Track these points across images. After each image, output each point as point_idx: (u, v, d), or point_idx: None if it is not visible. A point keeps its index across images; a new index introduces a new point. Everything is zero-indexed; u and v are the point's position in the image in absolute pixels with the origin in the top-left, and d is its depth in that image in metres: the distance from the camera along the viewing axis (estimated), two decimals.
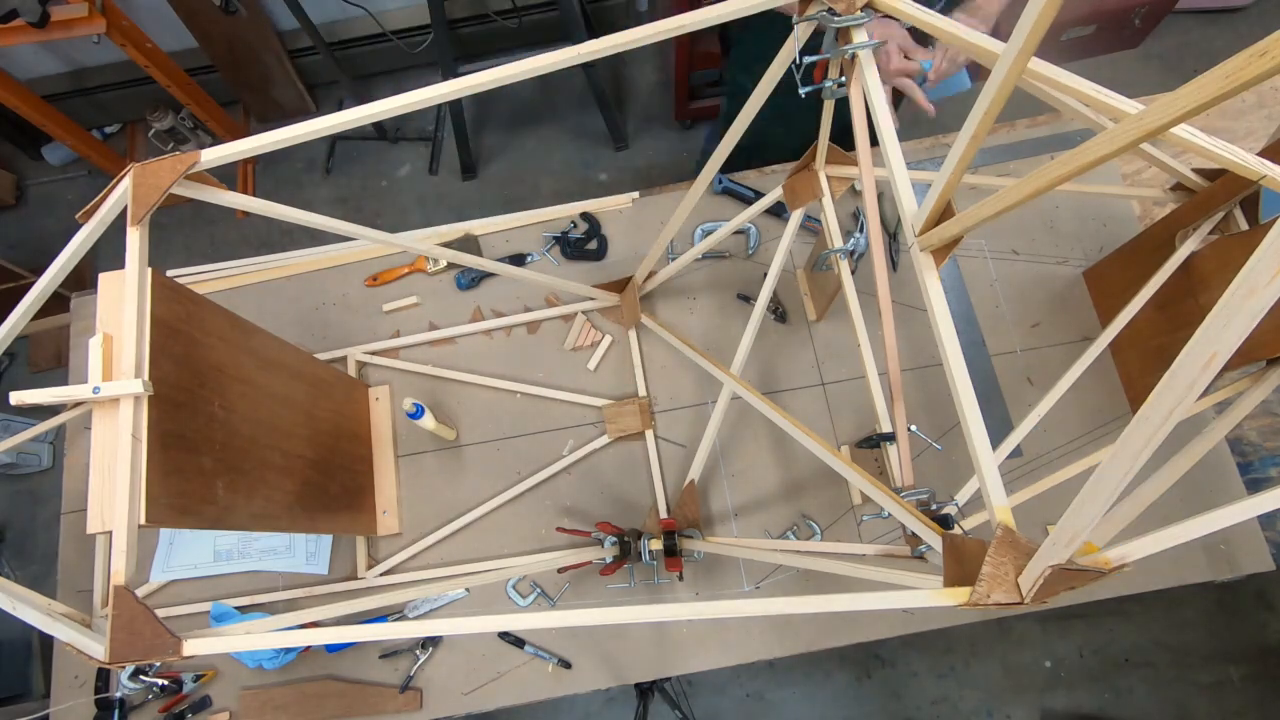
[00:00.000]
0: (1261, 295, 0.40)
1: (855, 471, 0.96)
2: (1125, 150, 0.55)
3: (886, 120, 0.78)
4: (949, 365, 0.70)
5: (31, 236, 3.05)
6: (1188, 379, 0.45)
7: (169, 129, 2.82)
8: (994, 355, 1.44)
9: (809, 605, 0.69)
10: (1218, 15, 3.01)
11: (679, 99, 2.84)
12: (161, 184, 0.82)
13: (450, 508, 1.41)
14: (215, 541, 1.41)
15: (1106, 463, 0.52)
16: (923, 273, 0.74)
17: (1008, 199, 0.66)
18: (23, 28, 2.13)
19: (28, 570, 2.63)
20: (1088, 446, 1.36)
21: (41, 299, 0.87)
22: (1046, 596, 0.59)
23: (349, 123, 0.86)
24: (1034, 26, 0.56)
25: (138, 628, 0.73)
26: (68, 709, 1.34)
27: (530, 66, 0.86)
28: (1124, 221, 1.51)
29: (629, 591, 1.35)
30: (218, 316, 0.98)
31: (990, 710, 2.40)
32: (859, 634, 1.31)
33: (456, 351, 1.51)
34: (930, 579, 0.71)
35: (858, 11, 0.81)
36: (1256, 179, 0.85)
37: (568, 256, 1.55)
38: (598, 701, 2.42)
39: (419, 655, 1.33)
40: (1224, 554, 1.33)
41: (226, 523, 0.92)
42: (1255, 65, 0.44)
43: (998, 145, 1.57)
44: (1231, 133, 1.57)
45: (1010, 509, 0.64)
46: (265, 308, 1.55)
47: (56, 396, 0.80)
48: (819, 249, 1.36)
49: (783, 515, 1.38)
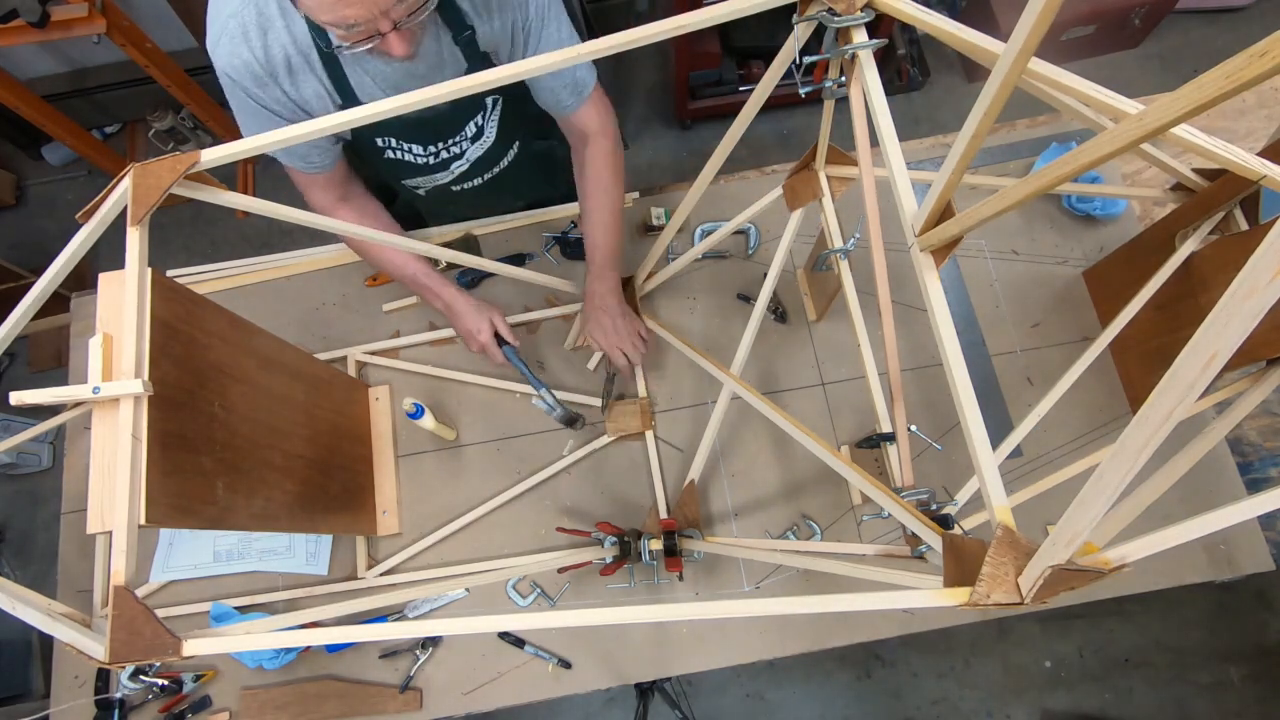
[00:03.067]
0: (1261, 295, 0.40)
1: (855, 472, 0.96)
2: (1125, 150, 0.55)
3: (886, 120, 0.78)
4: (949, 365, 0.70)
5: (31, 236, 3.04)
6: (1188, 379, 0.45)
7: (169, 129, 2.82)
8: (994, 355, 1.44)
9: (809, 606, 0.68)
10: (1218, 15, 3.01)
11: (679, 99, 2.84)
12: (161, 184, 0.82)
13: (450, 508, 1.41)
14: (215, 542, 1.41)
15: (1106, 463, 0.52)
16: (923, 273, 0.74)
17: (1008, 199, 0.66)
18: (23, 28, 2.13)
19: (28, 570, 2.63)
20: (1088, 446, 1.36)
21: (41, 299, 0.86)
22: (1046, 597, 0.58)
23: (349, 122, 0.86)
24: (1034, 27, 0.55)
25: (138, 628, 0.73)
26: (68, 709, 1.34)
27: (529, 67, 0.86)
28: (1124, 221, 1.51)
29: (629, 591, 1.35)
30: (218, 316, 0.98)
31: (990, 710, 2.40)
32: (859, 634, 1.31)
33: (456, 351, 1.51)
34: (930, 579, 0.71)
35: (858, 11, 0.81)
36: (1256, 179, 0.85)
37: (568, 256, 1.55)
38: (598, 701, 2.42)
39: (419, 655, 1.33)
40: (1224, 554, 1.32)
41: (226, 523, 0.92)
42: (1255, 65, 0.44)
43: (998, 145, 1.57)
44: (1231, 133, 1.57)
45: (1010, 509, 0.64)
46: (265, 308, 1.55)
47: (56, 397, 0.80)
48: (819, 249, 1.36)
49: (783, 515, 1.38)
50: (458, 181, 1.34)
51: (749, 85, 2.79)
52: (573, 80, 1.15)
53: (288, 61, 0.98)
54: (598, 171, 1.24)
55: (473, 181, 1.36)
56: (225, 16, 0.94)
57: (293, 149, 1.11)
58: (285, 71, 0.99)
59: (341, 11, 0.80)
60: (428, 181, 1.31)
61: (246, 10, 0.93)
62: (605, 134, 1.23)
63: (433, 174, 1.29)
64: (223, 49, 0.95)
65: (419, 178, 1.29)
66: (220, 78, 1.00)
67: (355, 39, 0.85)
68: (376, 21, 0.83)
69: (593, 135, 1.23)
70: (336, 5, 0.80)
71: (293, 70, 0.99)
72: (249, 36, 0.94)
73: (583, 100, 1.19)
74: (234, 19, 0.93)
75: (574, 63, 0.87)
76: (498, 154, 1.32)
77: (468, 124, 1.22)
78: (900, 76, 2.95)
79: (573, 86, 1.16)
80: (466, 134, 1.23)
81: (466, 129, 1.22)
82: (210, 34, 0.96)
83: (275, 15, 0.94)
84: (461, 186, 1.36)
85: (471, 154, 1.28)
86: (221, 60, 0.97)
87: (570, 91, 1.16)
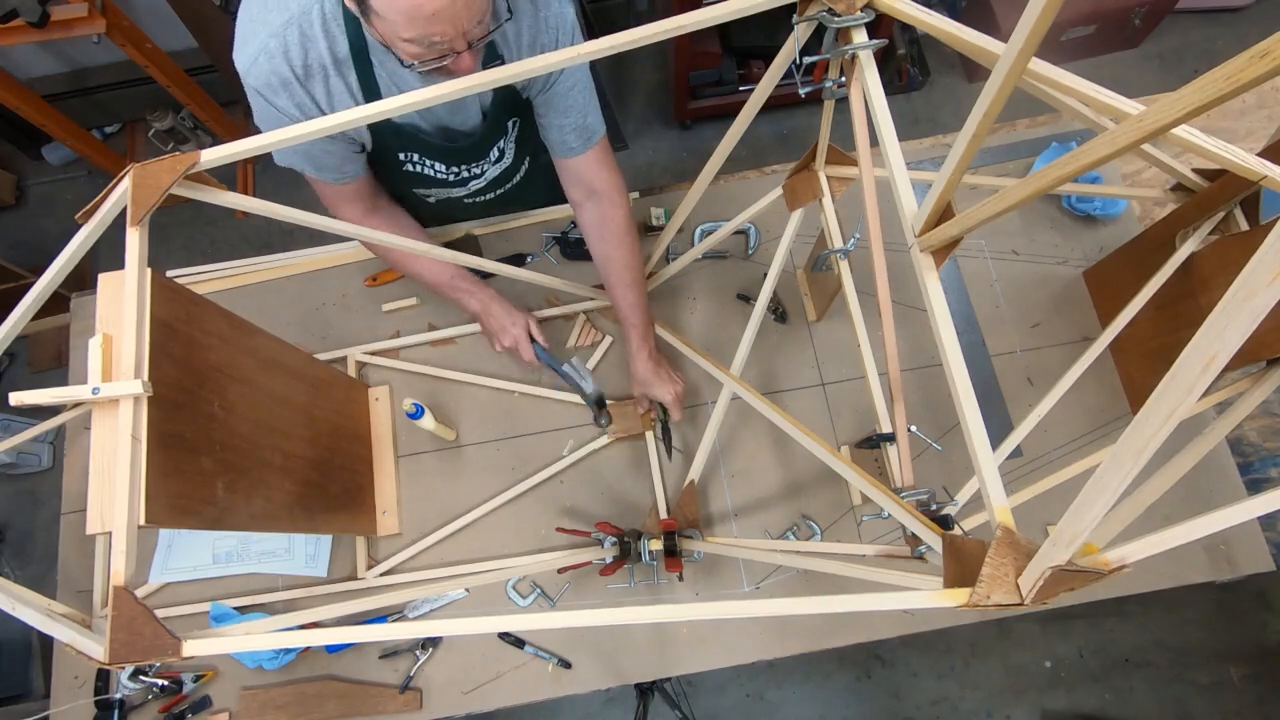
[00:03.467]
0: (1261, 297, 0.40)
1: (855, 472, 0.96)
2: (1125, 152, 0.55)
3: (886, 121, 0.78)
4: (949, 366, 0.70)
5: (31, 236, 3.05)
6: (1187, 382, 0.45)
7: (169, 129, 2.82)
8: (994, 355, 1.44)
9: (809, 607, 0.68)
10: (1218, 15, 3.01)
11: (679, 99, 2.84)
12: (161, 185, 0.82)
13: (450, 508, 1.41)
14: (214, 544, 1.41)
15: (1106, 465, 0.52)
16: (922, 274, 0.74)
17: (1008, 200, 0.66)
18: (23, 28, 2.12)
19: (28, 570, 2.63)
20: (1088, 447, 1.36)
21: (41, 299, 0.87)
22: (1046, 598, 0.58)
23: (349, 123, 0.86)
24: (1034, 28, 0.55)
25: (137, 628, 0.73)
26: (68, 710, 1.34)
27: (529, 67, 0.86)
28: (1124, 222, 1.51)
29: (629, 592, 1.35)
30: (217, 317, 0.98)
31: (990, 710, 2.40)
32: (859, 634, 1.31)
33: (456, 352, 1.51)
34: (930, 580, 0.71)
35: (858, 12, 0.81)
36: (1257, 179, 0.85)
37: (568, 256, 1.55)
38: (598, 701, 2.42)
39: (419, 655, 1.33)
40: (1224, 554, 1.32)
41: (226, 523, 0.92)
42: (1255, 67, 0.44)
43: (998, 145, 1.57)
44: (1232, 133, 1.57)
45: (1010, 509, 0.64)
46: (265, 308, 1.55)
47: (56, 397, 0.80)
48: (819, 249, 1.36)
49: (783, 515, 1.38)
50: (470, 196, 1.36)
51: (749, 85, 2.79)
52: (583, 124, 1.15)
53: (325, 79, 0.99)
54: (620, 236, 1.24)
55: (485, 196, 1.38)
56: (265, 36, 0.94)
57: (325, 164, 1.12)
58: (322, 88, 1.00)
59: (428, 29, 0.82)
60: (441, 193, 1.33)
61: (290, 30, 0.94)
62: (621, 194, 1.24)
63: (449, 188, 1.31)
64: (260, 67, 0.96)
65: (434, 189, 1.31)
66: (252, 97, 1.01)
67: (430, 57, 0.86)
68: (454, 41, 0.85)
69: (605, 195, 1.23)
70: (425, 23, 0.81)
71: (329, 89, 1.01)
72: (289, 54, 0.95)
73: (589, 147, 1.19)
74: (275, 38, 0.94)
75: (574, 63, 0.87)
76: (512, 171, 1.34)
77: (492, 149, 1.23)
78: (900, 76, 2.95)
79: (581, 130, 1.16)
80: (490, 158, 1.25)
81: (491, 154, 1.24)
82: (245, 53, 0.97)
83: (318, 34, 0.95)
84: (473, 200, 1.38)
85: (490, 173, 1.30)
86: (259, 78, 0.97)
87: (577, 135, 1.16)
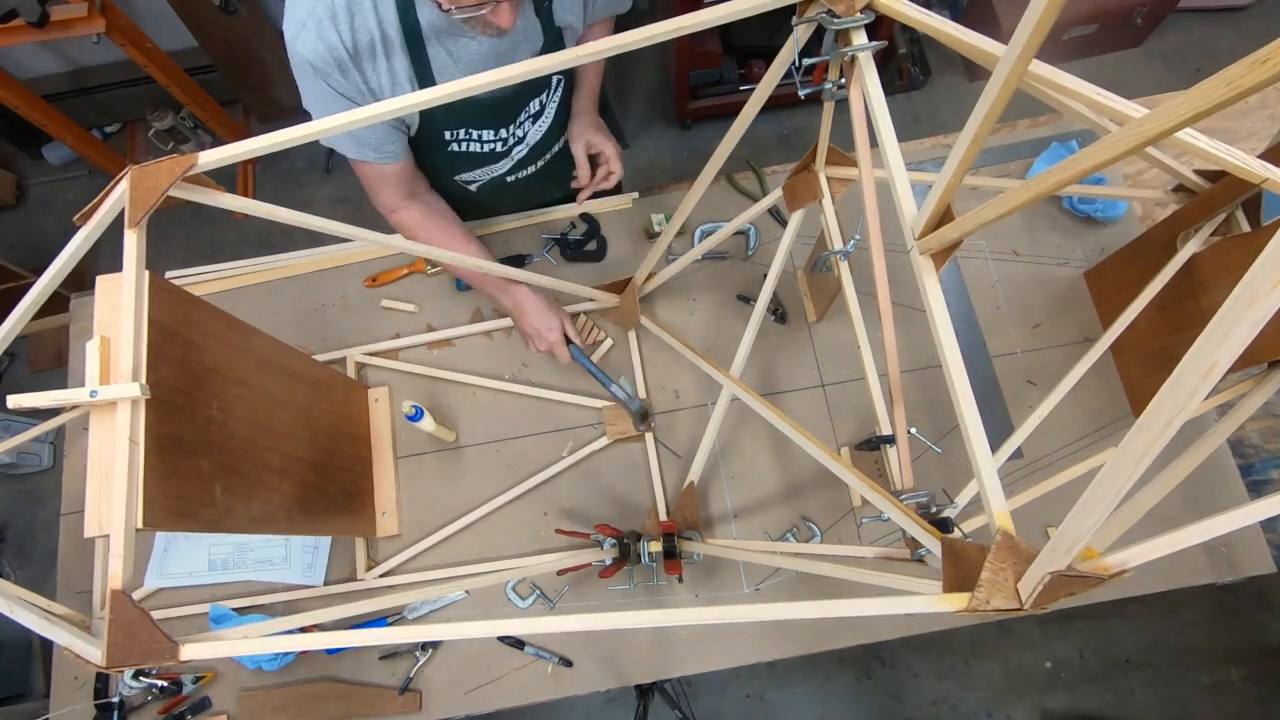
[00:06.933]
0: (1263, 303, 0.40)
1: (854, 475, 0.96)
2: (1126, 156, 0.55)
3: (886, 123, 0.78)
4: (949, 371, 0.69)
5: (31, 236, 3.05)
6: (1189, 387, 0.45)
7: (169, 129, 2.81)
8: (995, 356, 1.44)
9: (808, 611, 0.68)
10: (1220, 14, 3.00)
11: (679, 99, 2.84)
12: (159, 186, 0.82)
13: (450, 509, 1.41)
14: (210, 550, 1.39)
15: (1106, 469, 0.52)
16: (922, 277, 0.73)
17: (1008, 203, 0.65)
18: (22, 28, 2.12)
19: (28, 571, 2.63)
20: (1089, 448, 1.36)
21: (41, 299, 0.86)
22: (1046, 603, 0.58)
23: (350, 124, 0.86)
24: (1035, 29, 0.55)
25: (135, 632, 0.73)
26: (68, 712, 1.34)
27: (529, 68, 0.86)
28: (1125, 223, 1.50)
29: (629, 593, 1.34)
30: (216, 319, 0.97)
31: (990, 711, 2.40)
32: (859, 635, 1.31)
33: (456, 353, 1.51)
34: (930, 582, 0.71)
35: (857, 13, 0.81)
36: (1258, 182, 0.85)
37: (567, 257, 1.55)
38: (598, 702, 2.42)
39: (419, 657, 1.33)
40: (1225, 556, 1.32)
41: (225, 525, 0.92)
42: (1256, 73, 0.44)
43: (999, 145, 1.57)
44: (1234, 133, 1.57)
45: (1010, 513, 0.64)
46: (265, 308, 1.55)
47: (54, 400, 0.80)
48: (819, 250, 1.35)
49: (782, 517, 1.38)
50: (513, 170, 1.37)
51: (749, 85, 2.78)
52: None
53: (372, 45, 1.00)
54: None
55: (526, 170, 1.39)
56: (311, 3, 0.96)
57: (366, 140, 1.13)
58: (369, 55, 1.01)
59: None
60: (485, 174, 1.35)
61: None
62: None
63: (493, 164, 1.32)
64: (308, 36, 0.97)
65: (477, 170, 1.33)
66: (299, 69, 1.02)
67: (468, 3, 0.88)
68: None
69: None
70: None
71: (375, 54, 1.01)
72: (337, 20, 0.96)
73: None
74: (321, 3, 0.95)
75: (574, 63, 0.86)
76: (551, 139, 1.37)
77: (532, 101, 1.25)
78: (901, 76, 2.94)
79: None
80: (530, 110, 1.26)
81: (530, 105, 1.26)
82: (292, 24, 0.98)
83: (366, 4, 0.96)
84: (515, 176, 1.39)
85: (531, 136, 1.32)
86: (306, 49, 0.98)
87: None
